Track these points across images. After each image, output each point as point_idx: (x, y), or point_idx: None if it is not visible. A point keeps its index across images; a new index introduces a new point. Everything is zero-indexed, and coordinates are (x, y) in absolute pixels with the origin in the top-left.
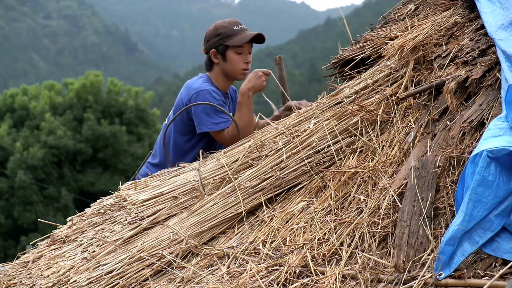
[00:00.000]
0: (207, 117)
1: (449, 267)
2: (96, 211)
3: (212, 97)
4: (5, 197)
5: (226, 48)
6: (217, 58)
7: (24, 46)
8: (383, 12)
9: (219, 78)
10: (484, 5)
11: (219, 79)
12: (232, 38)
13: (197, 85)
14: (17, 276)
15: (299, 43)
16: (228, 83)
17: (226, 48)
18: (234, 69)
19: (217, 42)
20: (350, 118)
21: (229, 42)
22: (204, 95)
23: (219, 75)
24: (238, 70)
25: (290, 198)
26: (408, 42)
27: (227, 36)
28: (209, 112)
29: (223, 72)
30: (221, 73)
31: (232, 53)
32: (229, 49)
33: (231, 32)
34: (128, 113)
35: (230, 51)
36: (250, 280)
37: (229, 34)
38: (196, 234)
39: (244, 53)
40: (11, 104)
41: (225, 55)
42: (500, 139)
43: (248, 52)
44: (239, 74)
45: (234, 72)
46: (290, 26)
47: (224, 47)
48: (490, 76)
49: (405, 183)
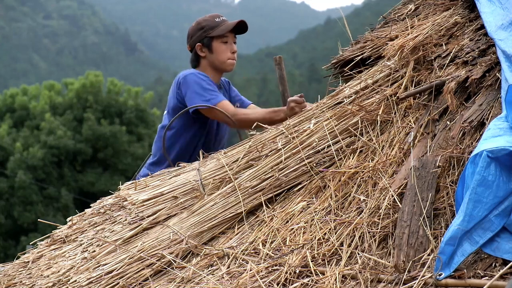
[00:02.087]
0: (197, 96)
1: (449, 267)
2: (96, 211)
3: (199, 78)
4: (5, 197)
5: (211, 40)
6: (203, 51)
7: (24, 46)
8: (383, 12)
9: (207, 71)
10: (484, 5)
11: (207, 72)
12: (215, 29)
13: (183, 72)
14: (17, 276)
15: (299, 43)
16: (217, 75)
17: (211, 40)
18: (221, 58)
19: (201, 35)
20: (350, 118)
21: (213, 33)
22: (191, 77)
23: (207, 68)
24: (226, 59)
25: (290, 198)
26: (408, 42)
27: (210, 28)
28: (199, 92)
29: (211, 65)
30: (209, 66)
31: (217, 43)
32: (214, 40)
33: (214, 24)
34: (128, 113)
35: (215, 42)
36: (250, 280)
37: (212, 26)
38: (196, 234)
39: (229, 42)
40: (11, 104)
41: (211, 47)
42: (500, 139)
43: (233, 42)
44: (228, 65)
45: (222, 62)
46: (290, 26)
47: (209, 39)
48: (490, 76)
49: (405, 183)
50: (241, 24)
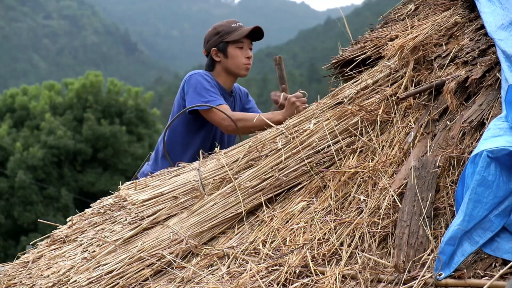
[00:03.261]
0: (197, 96)
1: (449, 267)
2: (96, 211)
3: (204, 79)
4: (5, 197)
5: (226, 45)
6: (219, 56)
7: (24, 46)
8: (383, 12)
9: (221, 75)
10: (484, 5)
11: (221, 76)
12: (231, 34)
13: (191, 72)
14: (17, 276)
15: (299, 43)
16: (230, 80)
17: (227, 45)
18: (236, 63)
19: (217, 40)
20: (350, 118)
21: (229, 38)
22: (196, 77)
23: (221, 73)
24: (240, 64)
25: (290, 198)
26: (408, 42)
27: (226, 33)
28: (200, 92)
29: (226, 70)
30: (223, 70)
31: (233, 48)
32: (230, 45)
33: (230, 29)
34: (128, 113)
35: (230, 47)
36: (250, 280)
37: (228, 31)
38: (196, 234)
39: (245, 48)
40: (11, 104)
41: (226, 52)
42: (500, 139)
43: (248, 47)
44: (242, 70)
45: (237, 67)
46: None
47: (224, 44)
48: (490, 76)
49: (405, 183)
50: (257, 30)
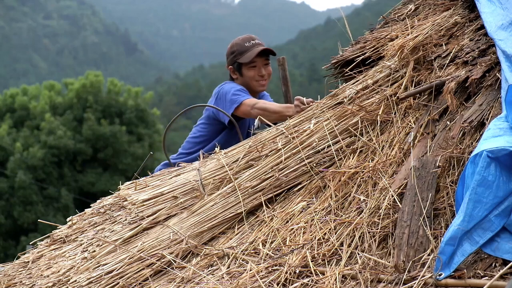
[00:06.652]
0: (229, 103)
1: (449, 267)
2: (96, 211)
3: (232, 86)
4: (5, 197)
5: (240, 65)
6: (235, 74)
7: (24, 46)
8: (383, 12)
9: None
10: (484, 5)
11: None
12: (243, 55)
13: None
14: (17, 276)
15: (299, 43)
16: (251, 92)
17: (241, 65)
18: (250, 83)
19: (232, 60)
20: (350, 118)
21: (241, 59)
22: (225, 86)
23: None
24: (254, 82)
25: (290, 198)
26: (408, 42)
27: (240, 53)
28: (230, 98)
29: (244, 85)
30: (242, 85)
31: (246, 69)
32: (243, 66)
33: (243, 49)
34: (128, 113)
35: (244, 67)
36: (250, 280)
37: (241, 51)
38: (196, 234)
39: (258, 66)
40: (11, 104)
41: (241, 71)
42: (500, 139)
43: (263, 64)
44: (257, 87)
45: (252, 86)
46: (290, 26)
47: (238, 64)
48: (490, 76)
49: (405, 183)
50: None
